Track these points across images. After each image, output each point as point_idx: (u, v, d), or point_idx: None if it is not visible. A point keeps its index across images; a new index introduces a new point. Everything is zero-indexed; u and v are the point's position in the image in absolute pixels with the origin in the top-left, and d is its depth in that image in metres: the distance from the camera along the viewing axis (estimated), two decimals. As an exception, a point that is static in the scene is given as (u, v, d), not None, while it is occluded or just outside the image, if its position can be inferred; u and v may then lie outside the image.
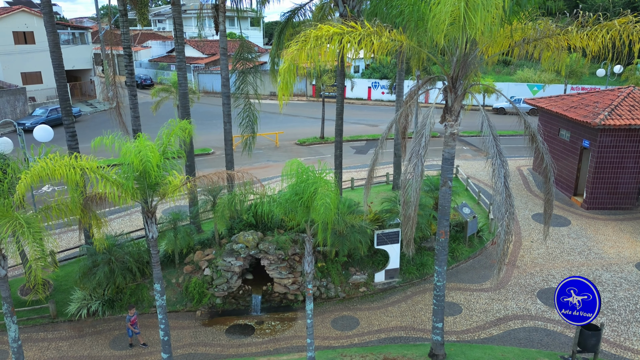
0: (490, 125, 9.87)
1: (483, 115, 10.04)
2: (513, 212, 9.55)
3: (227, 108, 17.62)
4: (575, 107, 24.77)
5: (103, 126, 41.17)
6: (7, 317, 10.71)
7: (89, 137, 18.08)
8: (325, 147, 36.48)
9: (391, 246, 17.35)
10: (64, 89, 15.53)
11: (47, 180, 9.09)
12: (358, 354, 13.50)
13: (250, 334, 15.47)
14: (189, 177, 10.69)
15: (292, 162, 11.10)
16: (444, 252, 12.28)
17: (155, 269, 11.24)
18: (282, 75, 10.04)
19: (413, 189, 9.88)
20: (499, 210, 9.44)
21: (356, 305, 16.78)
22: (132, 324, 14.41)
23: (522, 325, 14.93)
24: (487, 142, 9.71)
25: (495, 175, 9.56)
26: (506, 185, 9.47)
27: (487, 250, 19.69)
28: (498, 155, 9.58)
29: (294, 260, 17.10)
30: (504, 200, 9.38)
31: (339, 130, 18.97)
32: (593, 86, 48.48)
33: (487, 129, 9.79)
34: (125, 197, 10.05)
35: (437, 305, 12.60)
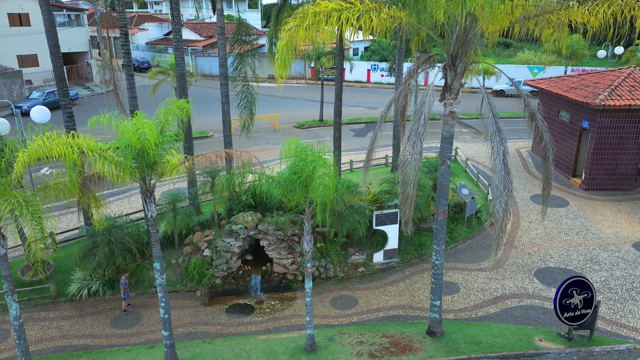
0: (489, 103, 9.81)
1: (483, 94, 9.97)
2: (512, 189, 9.56)
3: (225, 89, 17.49)
4: (575, 88, 24.63)
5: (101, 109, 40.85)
6: (8, 296, 10.79)
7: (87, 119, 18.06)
8: (324, 130, 36.35)
9: (390, 227, 17.41)
10: (60, 70, 15.39)
11: (44, 160, 9.05)
12: (357, 332, 13.65)
13: (250, 314, 15.62)
14: (187, 156, 10.65)
15: (291, 141, 11.08)
16: (442, 231, 12.33)
17: (154, 248, 11.28)
18: (279, 52, 9.93)
19: (412, 167, 9.87)
20: (498, 188, 9.43)
21: (355, 285, 16.91)
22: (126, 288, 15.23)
23: (519, 303, 15.08)
24: (487, 120, 9.66)
25: (494, 153, 9.54)
26: (505, 162, 9.47)
27: (485, 231, 19.78)
28: (497, 133, 9.54)
29: (293, 240, 17.18)
30: (503, 178, 9.37)
31: (338, 111, 18.88)
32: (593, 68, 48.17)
33: (486, 107, 9.74)
34: (123, 176, 10.03)
35: (435, 284, 12.71)
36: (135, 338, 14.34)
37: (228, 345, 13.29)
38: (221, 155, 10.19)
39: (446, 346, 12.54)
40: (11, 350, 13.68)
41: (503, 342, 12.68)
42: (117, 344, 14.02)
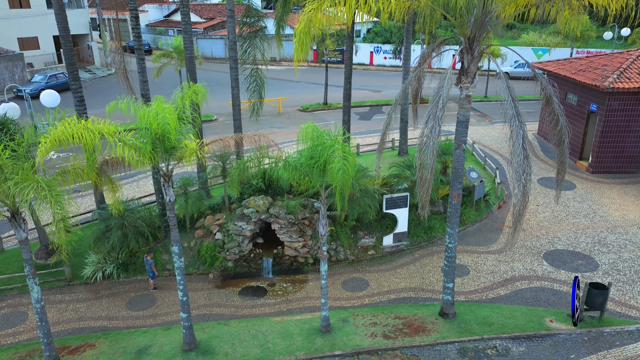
0: (508, 87, 9.81)
1: (502, 78, 9.95)
2: (530, 173, 9.61)
3: (235, 72, 17.40)
4: (583, 71, 24.50)
5: (104, 92, 40.70)
6: (30, 279, 10.94)
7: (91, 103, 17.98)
8: (329, 114, 36.25)
9: (400, 210, 17.52)
10: (70, 53, 15.29)
11: (65, 144, 9.08)
12: (370, 314, 13.87)
13: (262, 296, 15.83)
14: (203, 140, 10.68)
15: (307, 125, 11.09)
16: (456, 215, 12.42)
17: (172, 232, 11.39)
18: (297, 36, 9.89)
19: (430, 151, 9.90)
20: (517, 172, 9.49)
21: (365, 267, 17.11)
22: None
23: (529, 285, 15.29)
24: (506, 105, 9.67)
25: (513, 137, 9.57)
26: (524, 146, 9.51)
27: (493, 214, 19.92)
28: (516, 117, 9.56)
29: (304, 224, 17.31)
30: (522, 162, 9.42)
31: (347, 95, 18.82)
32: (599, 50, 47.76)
33: (505, 91, 9.73)
34: (142, 161, 10.08)
35: (448, 266, 12.86)
36: (152, 320, 14.57)
37: (243, 327, 13.51)
38: (239, 140, 10.22)
39: (459, 327, 12.75)
40: (30, 332, 13.91)
41: (514, 323, 12.89)
42: (134, 326, 14.25)
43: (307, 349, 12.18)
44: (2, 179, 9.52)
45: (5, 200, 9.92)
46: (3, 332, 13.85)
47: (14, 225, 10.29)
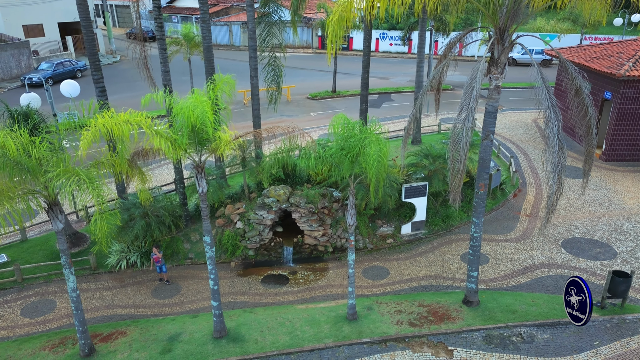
0: (542, 78, 9.86)
1: (535, 68, 9.99)
2: (564, 165, 9.71)
3: (254, 62, 17.37)
4: (597, 58, 24.44)
5: (111, 80, 40.49)
6: (66, 269, 11.11)
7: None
8: (338, 101, 36.17)
9: (418, 199, 17.66)
10: (92, 43, 15.26)
11: (107, 137, 9.17)
12: (393, 301, 14.09)
13: (285, 284, 16.05)
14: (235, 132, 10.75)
15: (338, 116, 11.17)
16: (482, 205, 12.55)
17: (204, 222, 11.53)
18: (331, 27, 9.91)
19: (463, 143, 9.99)
20: (552, 163, 9.59)
21: (385, 255, 17.31)
22: (155, 262, 15.45)
23: (549, 273, 15.50)
24: (541, 95, 9.73)
25: (548, 128, 9.65)
26: (559, 137, 9.59)
27: (509, 202, 20.06)
28: (551, 108, 9.63)
29: (323, 213, 17.46)
30: (557, 153, 9.52)
31: (365, 83, 18.81)
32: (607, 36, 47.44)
33: (540, 82, 9.78)
34: (177, 153, 10.18)
35: (473, 255, 13.04)
36: (178, 307, 14.81)
37: (269, 315, 13.74)
38: (273, 131, 10.30)
39: (483, 315, 12.98)
40: (59, 320, 14.14)
41: (537, 310, 13.12)
42: (161, 314, 14.48)
43: (335, 336, 12.41)
44: (42, 172, 9.63)
45: (43, 192, 10.04)
46: (33, 320, 14.08)
47: (51, 216, 10.42)
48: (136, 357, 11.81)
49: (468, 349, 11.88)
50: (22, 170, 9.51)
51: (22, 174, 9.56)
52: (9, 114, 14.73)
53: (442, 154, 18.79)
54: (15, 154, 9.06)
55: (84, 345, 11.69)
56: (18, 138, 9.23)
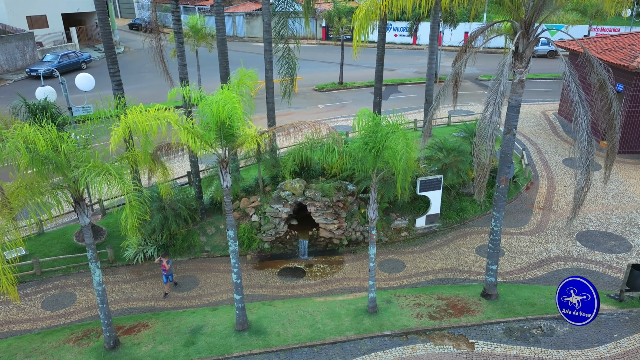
0: (571, 72, 9.84)
1: (564, 63, 9.98)
2: (593, 160, 9.74)
3: (269, 55, 17.31)
4: (609, 50, 24.33)
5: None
6: (92, 263, 11.19)
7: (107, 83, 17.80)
8: (345, 93, 36.08)
9: (433, 192, 17.71)
10: (108, 37, 15.20)
11: (135, 132, 9.18)
12: (412, 294, 14.19)
13: (301, 277, 16.15)
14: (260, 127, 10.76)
15: (362, 111, 11.17)
16: (502, 199, 12.59)
17: (228, 217, 11.57)
18: (359, 21, 9.88)
19: (489, 137, 10.00)
20: (581, 159, 9.62)
21: (399, 249, 17.39)
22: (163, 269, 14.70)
23: (565, 266, 15.59)
24: (570, 90, 9.72)
25: (578, 123, 9.66)
26: (588, 133, 9.60)
27: (522, 196, 20.11)
28: (580, 103, 9.63)
29: (338, 206, 17.52)
30: (585, 148, 9.54)
31: (379, 76, 18.77)
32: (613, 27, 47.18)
33: (569, 77, 9.78)
34: (203, 147, 10.19)
35: (493, 249, 13.11)
36: (197, 300, 14.91)
37: (289, 307, 13.83)
38: (300, 127, 10.30)
39: (502, 308, 13.08)
40: (80, 312, 14.25)
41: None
42: (181, 306, 14.59)
43: (357, 329, 12.52)
44: (70, 167, 9.65)
45: (71, 187, 10.07)
46: (54, 312, 14.19)
47: (79, 211, 10.47)
48: (160, 350, 11.92)
49: (489, 341, 12.00)
50: (50, 165, 9.53)
51: (51, 169, 9.59)
52: (27, 108, 14.71)
53: (456, 147, 18.81)
54: (44, 149, 9.08)
55: (109, 338, 11.80)
56: (47, 133, 9.24)
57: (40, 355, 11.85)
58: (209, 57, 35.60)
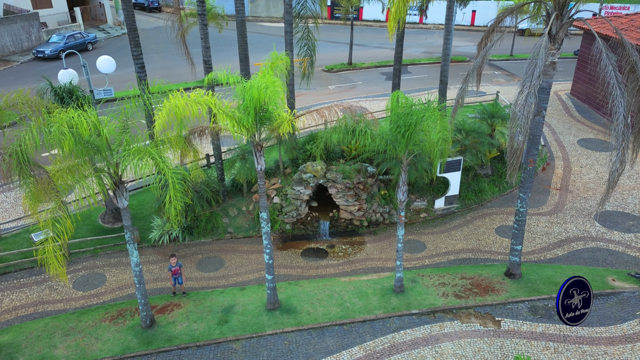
0: (607, 55, 9.89)
1: (600, 45, 10.01)
2: (629, 142, 9.86)
3: (290, 37, 17.23)
4: (625, 30, 24.19)
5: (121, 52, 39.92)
6: (130, 244, 11.41)
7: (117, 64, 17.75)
8: (355, 74, 35.86)
9: (453, 174, 17.86)
10: (131, 19, 15.10)
11: (179, 116, 9.27)
12: (435, 274, 14.48)
13: (324, 257, 16.43)
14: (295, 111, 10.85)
15: (395, 94, 11.24)
16: (530, 180, 12.77)
17: (261, 199, 11.75)
18: (395, 3, 9.86)
19: (524, 121, 10.09)
20: (617, 141, 9.74)
21: (419, 230, 17.63)
22: (173, 274, 13.41)
23: (585, 246, 15.85)
24: (606, 74, 9.79)
25: (615, 106, 9.75)
26: (625, 116, 9.70)
27: (538, 176, 20.27)
28: (617, 86, 9.70)
29: (359, 188, 17.69)
30: (622, 131, 9.65)
31: (398, 57, 18.71)
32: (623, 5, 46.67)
33: (605, 60, 9.82)
34: (240, 131, 10.30)
35: (518, 229, 13.34)
36: (224, 280, 15.20)
37: (315, 287, 14.13)
38: (336, 110, 10.39)
39: (526, 287, 13.38)
40: (111, 292, 14.55)
41: (578, 282, 13.49)
42: (209, 286, 14.89)
43: (385, 308, 12.83)
44: (111, 151, 9.77)
45: (111, 171, 10.22)
46: (86, 293, 14.49)
47: (118, 194, 10.64)
48: (195, 328, 12.25)
49: (515, 319, 12.32)
50: (92, 149, 9.65)
51: (93, 153, 9.71)
52: (54, 91, 14.73)
53: (475, 128, 18.87)
54: (88, 133, 9.19)
55: (146, 317, 12.11)
56: (89, 117, 9.33)
57: (78, 334, 12.17)
58: (218, 37, 35.26)
